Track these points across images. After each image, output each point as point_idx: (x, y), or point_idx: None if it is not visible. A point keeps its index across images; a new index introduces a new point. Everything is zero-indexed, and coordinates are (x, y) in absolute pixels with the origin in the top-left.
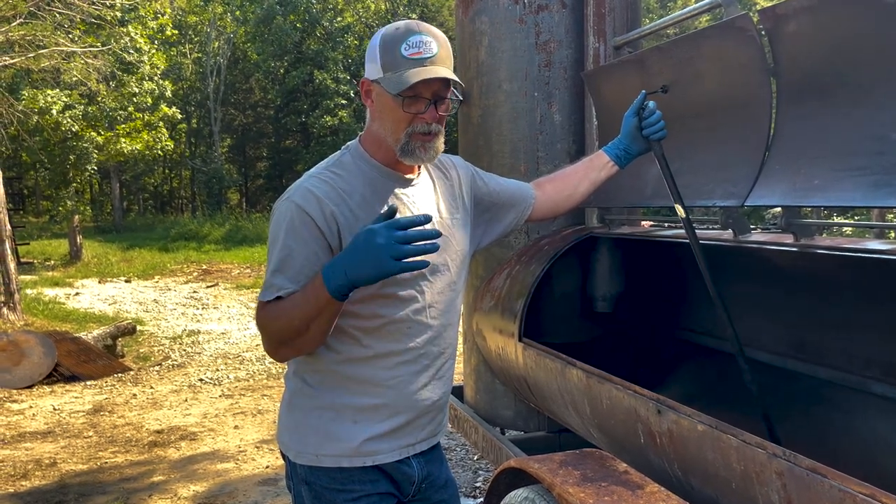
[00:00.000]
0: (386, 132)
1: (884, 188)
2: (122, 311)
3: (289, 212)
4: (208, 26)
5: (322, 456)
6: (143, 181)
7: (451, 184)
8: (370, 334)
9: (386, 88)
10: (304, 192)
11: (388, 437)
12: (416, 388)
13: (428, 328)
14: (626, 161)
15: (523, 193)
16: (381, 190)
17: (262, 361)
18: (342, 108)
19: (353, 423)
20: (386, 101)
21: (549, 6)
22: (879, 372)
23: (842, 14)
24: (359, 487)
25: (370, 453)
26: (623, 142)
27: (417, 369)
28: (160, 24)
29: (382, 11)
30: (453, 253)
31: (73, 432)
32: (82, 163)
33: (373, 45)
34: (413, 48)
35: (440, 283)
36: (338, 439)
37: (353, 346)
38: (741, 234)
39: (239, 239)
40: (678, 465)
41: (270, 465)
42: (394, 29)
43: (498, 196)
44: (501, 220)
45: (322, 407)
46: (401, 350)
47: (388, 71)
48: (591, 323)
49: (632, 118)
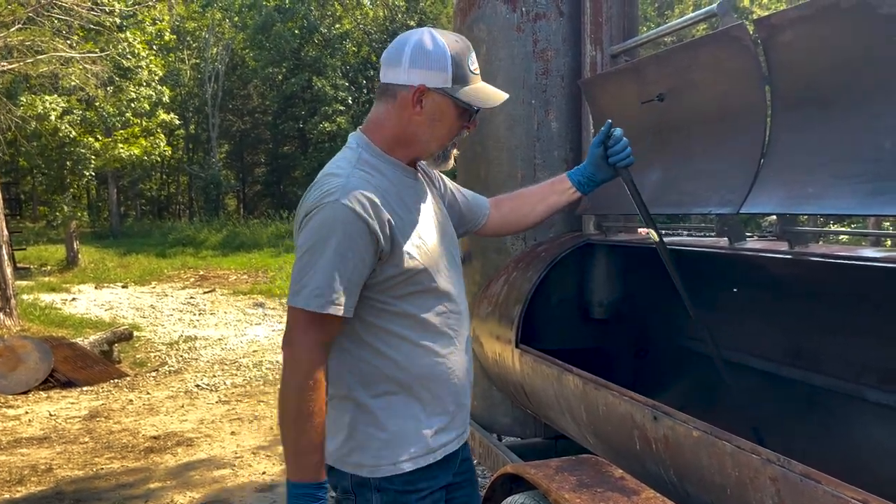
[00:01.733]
0: (430, 138)
1: (878, 196)
2: (119, 316)
3: (341, 215)
4: (206, 32)
5: (400, 463)
6: (140, 187)
7: (433, 184)
8: (419, 332)
9: (464, 99)
10: (354, 195)
11: (449, 428)
12: (460, 373)
13: (459, 314)
14: (588, 188)
15: (479, 207)
16: (403, 187)
17: (258, 367)
18: (340, 114)
19: (419, 423)
20: (447, 109)
21: (546, 14)
22: (874, 379)
23: (836, 24)
24: (425, 485)
25: (440, 446)
26: (587, 169)
27: (461, 353)
28: (158, 29)
29: (381, 18)
30: (454, 240)
31: (69, 438)
32: (80, 168)
33: (437, 53)
34: (475, 64)
35: (455, 272)
36: (412, 442)
37: (405, 345)
38: (737, 242)
39: (236, 245)
40: (674, 471)
41: (267, 472)
42: (453, 41)
43: (455, 202)
44: (455, 225)
45: (390, 416)
46: (448, 340)
47: (458, 83)
48: (587, 329)
49: (596, 148)
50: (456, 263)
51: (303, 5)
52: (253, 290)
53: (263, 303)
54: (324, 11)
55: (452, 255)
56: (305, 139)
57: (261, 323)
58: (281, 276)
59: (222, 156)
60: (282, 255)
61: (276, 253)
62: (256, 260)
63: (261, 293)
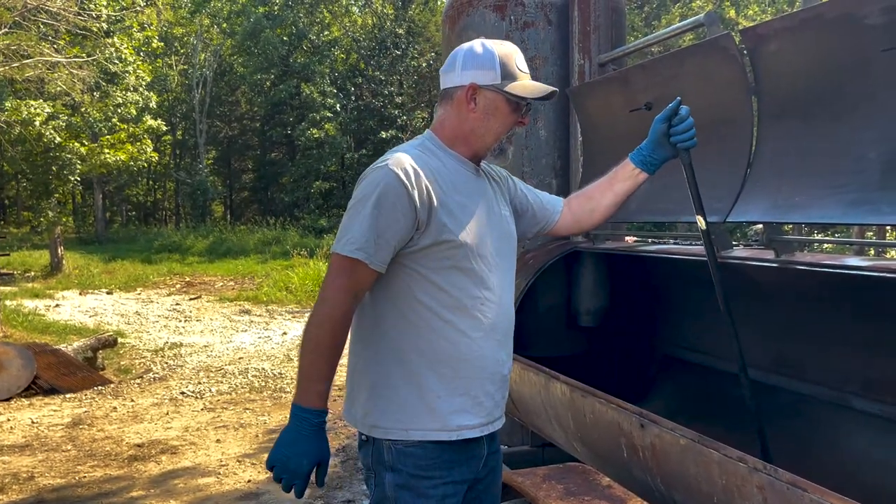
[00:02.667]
0: (486, 132)
1: (863, 205)
2: (104, 323)
3: (387, 178)
4: (195, 38)
5: (412, 430)
6: (126, 192)
7: (498, 184)
8: (448, 308)
9: (512, 93)
10: (402, 163)
11: (471, 412)
12: (492, 361)
13: (497, 304)
14: (653, 167)
15: (551, 206)
16: (461, 176)
17: (244, 375)
18: (328, 120)
19: (437, 398)
20: (499, 104)
21: (535, 23)
22: (859, 387)
23: (821, 35)
24: (438, 474)
25: (457, 428)
26: (647, 147)
27: (493, 343)
28: (146, 35)
29: (369, 26)
30: (512, 242)
31: (51, 446)
32: (65, 173)
33: (486, 55)
34: (524, 65)
35: (503, 266)
36: (425, 413)
37: (433, 319)
38: (723, 250)
39: (223, 251)
40: (661, 479)
41: (252, 480)
42: (499, 44)
43: (527, 202)
44: (525, 226)
45: (409, 383)
46: (476, 324)
47: (507, 79)
48: (575, 337)
49: (661, 123)
50: (506, 259)
51: (291, 12)
52: (239, 297)
53: (250, 309)
54: (312, 18)
55: (501, 250)
56: (293, 146)
57: (247, 330)
58: (268, 283)
59: (209, 162)
60: (268, 261)
61: (263, 259)
62: (243, 266)
63: (247, 300)
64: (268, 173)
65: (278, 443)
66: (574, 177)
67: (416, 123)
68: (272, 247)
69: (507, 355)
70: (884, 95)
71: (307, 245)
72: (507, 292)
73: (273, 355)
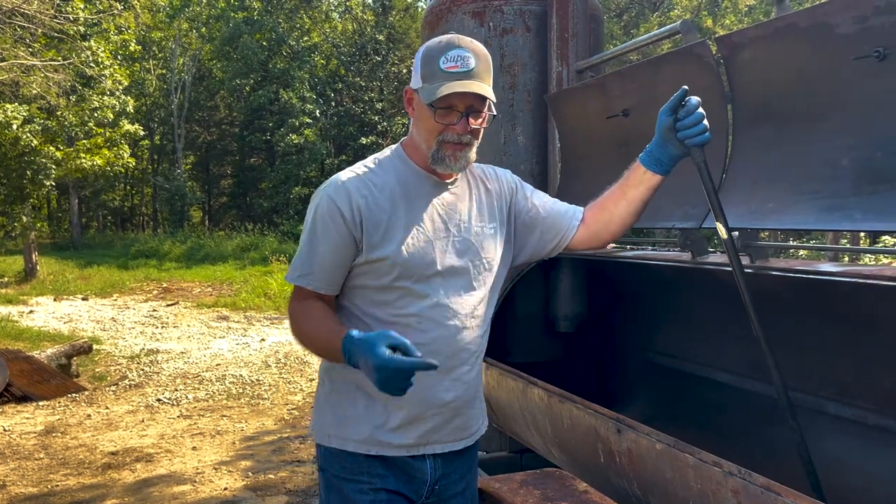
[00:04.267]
0: (420, 139)
1: (836, 212)
2: (79, 329)
3: (321, 202)
4: (173, 42)
5: (333, 437)
6: (103, 197)
7: (489, 195)
8: (384, 326)
9: (421, 98)
10: (336, 185)
11: (398, 431)
12: (428, 384)
13: (440, 327)
14: (666, 167)
15: (567, 218)
16: (413, 189)
17: (221, 381)
18: (308, 126)
19: (364, 409)
20: (422, 110)
21: (513, 30)
22: (833, 392)
23: (795, 44)
24: (367, 480)
25: (377, 444)
26: (654, 144)
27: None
28: (123, 39)
29: (349, 32)
30: (477, 259)
31: (23, 454)
32: (40, 178)
33: (416, 56)
34: (451, 62)
35: (458, 284)
36: (348, 423)
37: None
38: (699, 256)
39: (200, 257)
40: (637, 484)
41: (229, 487)
42: (437, 42)
43: (538, 214)
44: (538, 240)
45: (338, 391)
46: (414, 344)
47: (426, 82)
48: (553, 343)
49: (665, 116)
50: (463, 276)
51: (271, 17)
52: (217, 303)
53: (228, 316)
54: (292, 24)
55: (459, 268)
56: (272, 151)
57: (225, 336)
58: (246, 289)
59: (188, 167)
60: (246, 267)
61: (241, 265)
62: (221, 272)
63: (225, 306)
64: (247, 179)
65: (375, 382)
66: (552, 183)
67: (396, 129)
68: (250, 252)
69: (454, 380)
70: (856, 103)
71: (286, 251)
72: (465, 315)
73: (251, 362)
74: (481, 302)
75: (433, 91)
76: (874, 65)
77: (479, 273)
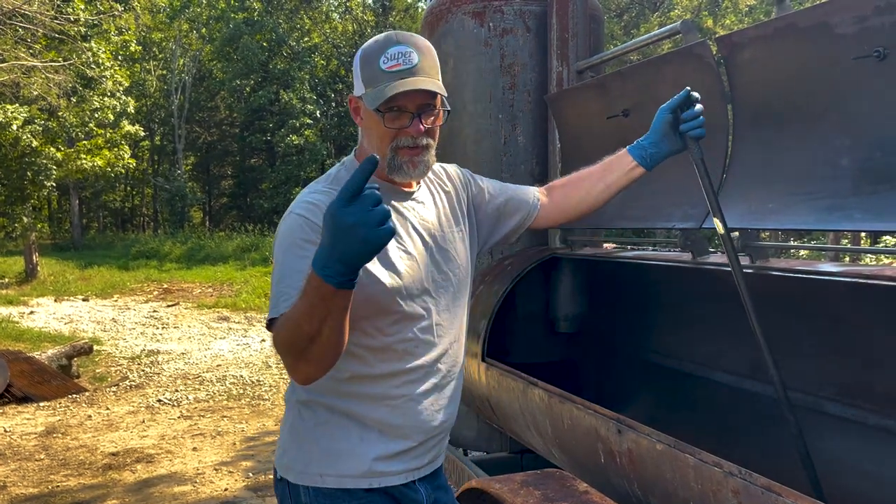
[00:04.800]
0: (373, 149)
1: (836, 212)
2: (79, 330)
3: (294, 224)
4: (173, 43)
5: (326, 476)
6: (103, 198)
7: (450, 195)
8: (376, 353)
9: (366, 104)
10: (305, 204)
11: (397, 458)
12: (423, 408)
13: (434, 346)
14: (653, 162)
15: (526, 198)
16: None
17: (222, 382)
18: (308, 127)
19: (359, 441)
20: (370, 117)
21: (514, 30)
22: (833, 392)
23: (795, 43)
24: None
25: (378, 474)
26: (649, 139)
27: (425, 389)
28: (124, 40)
29: (350, 32)
30: (455, 267)
31: (24, 455)
32: (41, 179)
33: (355, 61)
34: (391, 60)
35: (445, 299)
36: (343, 458)
37: (359, 365)
38: (699, 256)
39: (201, 257)
40: (638, 485)
41: (229, 488)
42: (373, 42)
43: (496, 199)
44: (504, 224)
45: (327, 424)
46: (408, 369)
47: (369, 86)
48: (553, 343)
49: (668, 113)
50: (448, 290)
51: (271, 18)
52: (218, 304)
53: (228, 316)
54: (292, 25)
55: (443, 281)
56: (273, 152)
57: (225, 337)
58: (246, 290)
59: (188, 168)
60: (247, 268)
61: (242, 266)
62: (221, 273)
63: (226, 307)
64: (247, 179)
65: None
66: None
67: None
68: (251, 253)
69: (447, 398)
70: (855, 103)
71: None
72: (452, 329)
73: (251, 362)
74: (463, 310)
75: (378, 94)
76: (874, 64)
77: (459, 282)
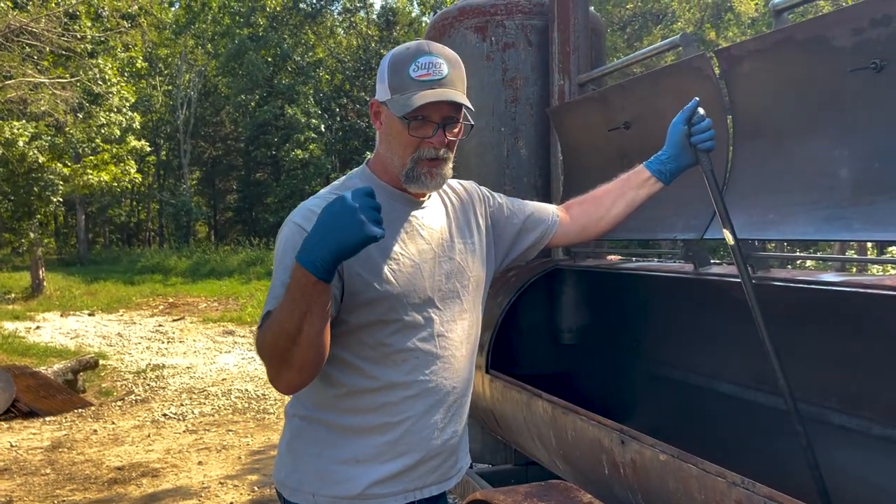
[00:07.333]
0: (392, 156)
1: (836, 221)
2: (85, 345)
3: (290, 232)
4: (179, 59)
5: (319, 496)
6: (109, 213)
7: (464, 208)
8: (375, 364)
9: (392, 111)
10: (304, 212)
11: (394, 479)
12: (425, 424)
13: (437, 359)
14: (671, 176)
15: (545, 215)
16: (389, 212)
17: (227, 396)
18: (313, 141)
19: (355, 464)
20: (393, 124)
21: (515, 44)
22: (837, 402)
23: (793, 56)
24: None
25: (374, 497)
26: (667, 153)
27: (427, 404)
28: (130, 56)
29: (354, 47)
30: (465, 280)
31: (30, 469)
32: (47, 194)
33: (382, 65)
34: (422, 69)
35: (451, 310)
36: (338, 481)
37: (358, 377)
38: (701, 267)
39: (206, 272)
40: (641, 496)
41: (234, 502)
42: (404, 49)
43: (515, 217)
44: (523, 240)
45: (322, 444)
46: (408, 382)
47: (396, 93)
48: (557, 355)
49: (682, 125)
50: (455, 301)
51: (276, 34)
52: (223, 318)
53: (233, 330)
54: (297, 40)
55: (449, 292)
56: (278, 166)
57: (231, 351)
58: (252, 304)
59: (193, 182)
60: (252, 281)
61: (247, 280)
62: (227, 287)
63: (231, 321)
64: (252, 194)
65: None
66: (555, 196)
67: None
68: (256, 267)
69: (452, 414)
70: (853, 114)
71: None
72: (459, 341)
73: (257, 376)
74: (473, 325)
75: (406, 102)
76: (871, 76)
77: (469, 294)
